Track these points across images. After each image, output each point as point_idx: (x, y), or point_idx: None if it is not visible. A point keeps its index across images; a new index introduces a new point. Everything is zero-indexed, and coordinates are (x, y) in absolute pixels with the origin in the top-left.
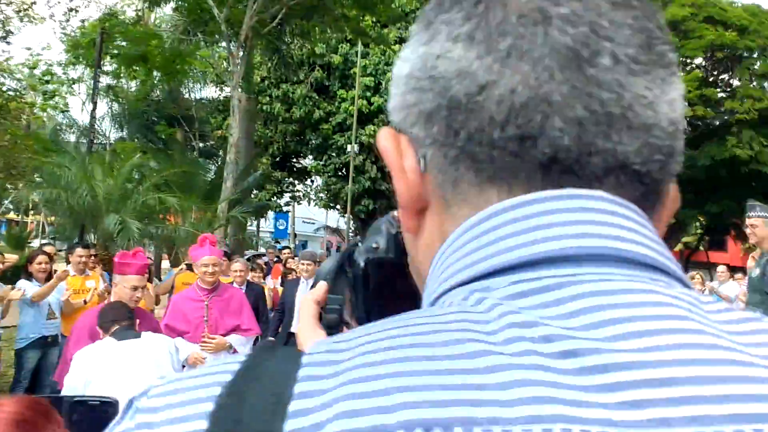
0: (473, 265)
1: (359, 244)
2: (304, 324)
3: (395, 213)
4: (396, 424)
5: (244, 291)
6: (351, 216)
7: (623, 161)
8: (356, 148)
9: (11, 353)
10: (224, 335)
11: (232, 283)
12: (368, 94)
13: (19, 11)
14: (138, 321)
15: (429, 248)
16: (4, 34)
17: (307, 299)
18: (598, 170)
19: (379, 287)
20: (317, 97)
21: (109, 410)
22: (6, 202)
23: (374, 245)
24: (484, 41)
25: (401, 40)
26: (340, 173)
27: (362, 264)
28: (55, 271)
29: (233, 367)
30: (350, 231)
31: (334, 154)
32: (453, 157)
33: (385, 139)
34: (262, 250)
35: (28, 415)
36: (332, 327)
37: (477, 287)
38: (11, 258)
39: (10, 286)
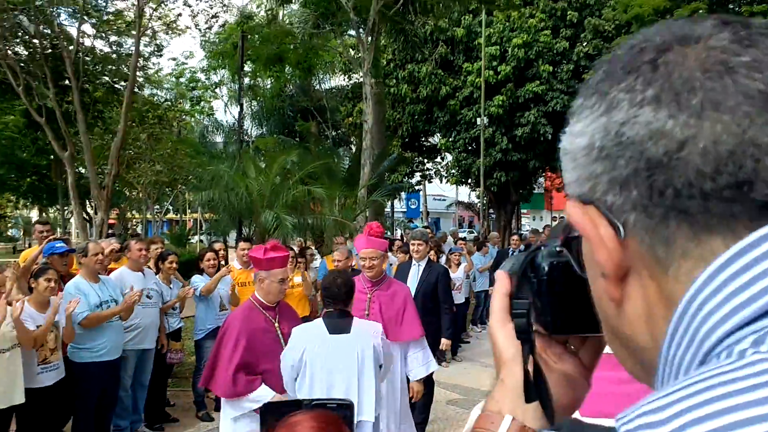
0: (742, 308)
1: (542, 247)
2: (496, 317)
3: None
4: None
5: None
6: (484, 190)
7: None
8: (485, 120)
9: (191, 343)
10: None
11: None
12: (494, 63)
13: (167, 25)
14: (280, 315)
15: (646, 316)
16: (157, 49)
17: (498, 292)
18: None
19: (565, 292)
20: (443, 74)
21: (346, 413)
22: (166, 204)
23: (557, 249)
24: (673, 100)
25: (526, 2)
26: (470, 148)
27: (546, 268)
28: (224, 265)
29: None
30: (484, 205)
31: (462, 129)
32: (661, 216)
33: (575, 212)
34: (398, 232)
35: (326, 429)
36: (521, 331)
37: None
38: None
39: (188, 287)
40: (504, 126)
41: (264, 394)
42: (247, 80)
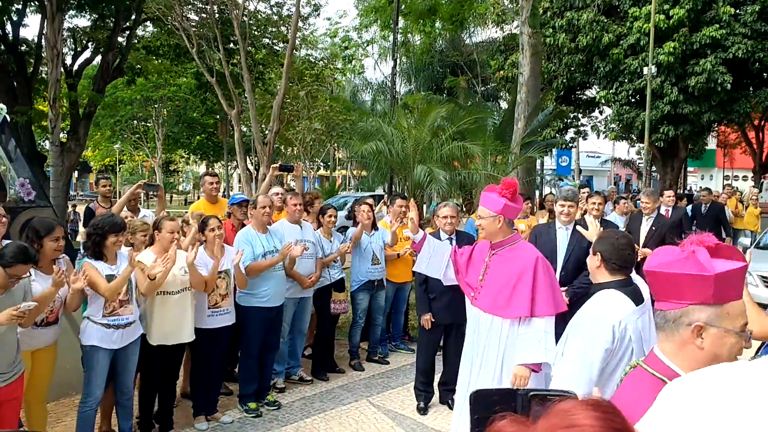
0: None
1: None
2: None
3: None
4: None
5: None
6: (648, 146)
7: None
8: (653, 69)
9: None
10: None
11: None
12: (666, 6)
13: None
14: None
15: None
16: (314, 9)
17: None
18: None
19: None
20: (605, 20)
21: None
22: (318, 160)
23: None
24: None
25: None
26: (633, 100)
27: None
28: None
29: None
30: (648, 162)
31: (626, 80)
32: None
33: None
34: (548, 190)
35: (613, 420)
36: None
37: None
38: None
39: (347, 243)
40: (675, 75)
41: None
42: (399, 37)
